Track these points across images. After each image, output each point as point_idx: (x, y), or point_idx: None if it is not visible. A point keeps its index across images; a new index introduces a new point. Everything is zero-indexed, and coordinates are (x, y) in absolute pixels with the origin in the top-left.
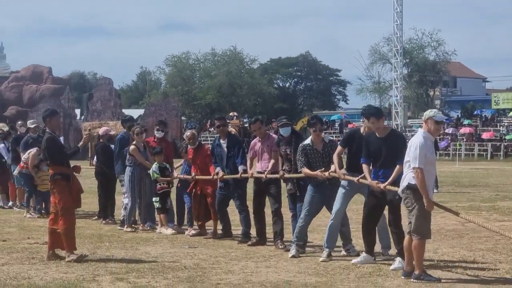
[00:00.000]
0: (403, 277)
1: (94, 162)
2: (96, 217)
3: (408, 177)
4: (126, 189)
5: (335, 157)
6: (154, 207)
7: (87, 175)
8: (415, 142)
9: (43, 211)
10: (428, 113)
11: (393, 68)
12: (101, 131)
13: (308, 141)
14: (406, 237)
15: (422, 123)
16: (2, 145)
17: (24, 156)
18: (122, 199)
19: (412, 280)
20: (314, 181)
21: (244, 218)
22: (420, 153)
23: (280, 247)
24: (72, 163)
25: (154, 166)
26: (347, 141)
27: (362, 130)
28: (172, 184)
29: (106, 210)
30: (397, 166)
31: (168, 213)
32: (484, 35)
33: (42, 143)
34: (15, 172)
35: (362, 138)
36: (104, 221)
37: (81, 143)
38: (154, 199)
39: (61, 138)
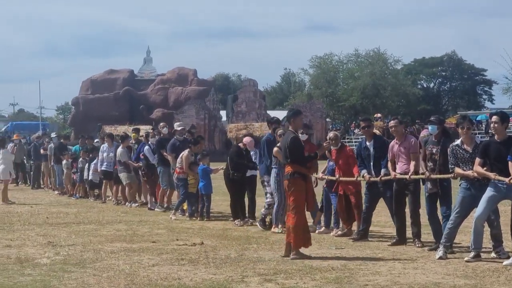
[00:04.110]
0: None
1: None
2: (232, 218)
3: None
4: (272, 190)
5: (477, 168)
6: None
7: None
8: None
9: (195, 214)
10: None
11: None
12: (245, 140)
13: (458, 141)
14: None
15: None
16: (147, 147)
17: (178, 161)
18: (265, 200)
19: None
20: (466, 181)
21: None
22: None
23: (418, 245)
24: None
25: None
26: (484, 152)
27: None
28: (316, 185)
29: (236, 211)
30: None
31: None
32: None
33: (284, 142)
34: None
35: (498, 145)
36: (237, 222)
37: (324, 144)
38: None
39: (301, 137)
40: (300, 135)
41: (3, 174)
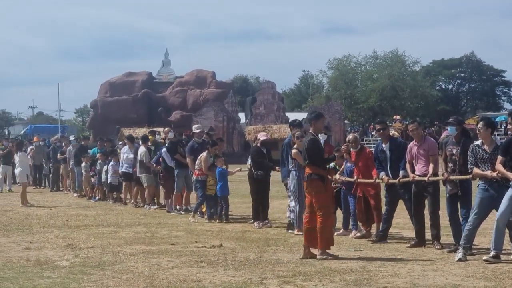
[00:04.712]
0: None
1: (249, 165)
2: (252, 220)
3: None
4: (292, 192)
5: (498, 166)
6: None
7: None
8: None
9: (214, 216)
10: None
11: None
12: (260, 135)
13: (478, 142)
14: None
15: None
16: (164, 149)
17: (196, 163)
18: (288, 202)
19: None
20: (484, 182)
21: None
22: None
23: (437, 247)
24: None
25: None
26: (506, 150)
27: None
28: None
29: (257, 212)
30: None
31: None
32: None
33: (303, 143)
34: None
35: None
36: (256, 224)
37: (342, 147)
38: None
39: (322, 140)
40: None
41: (21, 176)
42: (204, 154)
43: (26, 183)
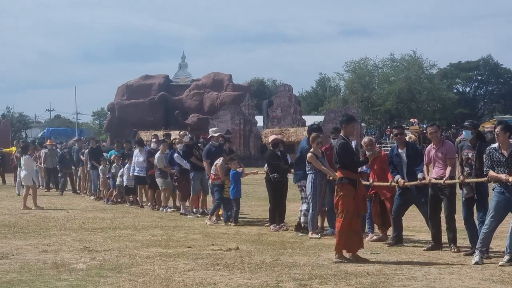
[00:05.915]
0: None
1: (265, 168)
2: (269, 223)
3: None
4: (308, 195)
5: None
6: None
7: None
8: None
9: (231, 219)
10: None
11: None
12: (270, 137)
13: (495, 145)
14: None
15: None
16: (176, 154)
17: (212, 168)
18: (300, 205)
19: None
20: (499, 185)
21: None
22: None
23: (453, 250)
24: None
25: None
26: None
27: None
28: None
29: (274, 215)
30: None
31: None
32: None
33: (335, 147)
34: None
35: None
36: (273, 227)
37: (376, 149)
38: None
39: (353, 143)
40: (331, 140)
41: (26, 180)
42: (219, 161)
43: (34, 186)
